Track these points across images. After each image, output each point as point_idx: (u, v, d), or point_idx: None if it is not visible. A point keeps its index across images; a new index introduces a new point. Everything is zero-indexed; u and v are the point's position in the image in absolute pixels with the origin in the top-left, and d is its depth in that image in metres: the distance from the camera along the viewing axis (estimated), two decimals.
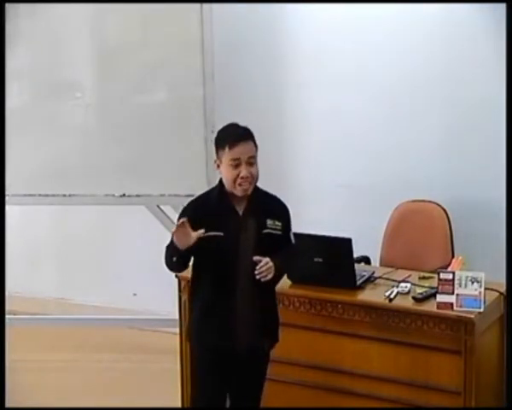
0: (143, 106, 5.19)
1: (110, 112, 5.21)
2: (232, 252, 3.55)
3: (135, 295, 5.97)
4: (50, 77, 5.22)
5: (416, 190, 4.93)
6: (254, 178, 3.57)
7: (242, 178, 3.52)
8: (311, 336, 4.24)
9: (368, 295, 4.18)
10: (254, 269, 3.51)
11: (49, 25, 5.13)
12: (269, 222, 3.60)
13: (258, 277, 3.50)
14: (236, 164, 3.52)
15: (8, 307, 4.36)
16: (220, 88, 5.14)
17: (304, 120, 5.36)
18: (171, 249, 3.53)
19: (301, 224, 3.84)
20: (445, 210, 4.79)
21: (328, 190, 5.31)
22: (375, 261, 4.82)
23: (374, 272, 4.39)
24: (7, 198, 4.83)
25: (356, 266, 4.29)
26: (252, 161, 3.56)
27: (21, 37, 5.10)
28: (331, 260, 4.20)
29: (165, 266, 3.63)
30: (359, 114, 5.18)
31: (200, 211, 3.59)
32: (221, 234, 3.53)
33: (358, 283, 4.23)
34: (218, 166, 3.61)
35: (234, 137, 3.57)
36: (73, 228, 6.07)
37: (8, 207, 4.78)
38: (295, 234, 4.07)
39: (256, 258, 3.50)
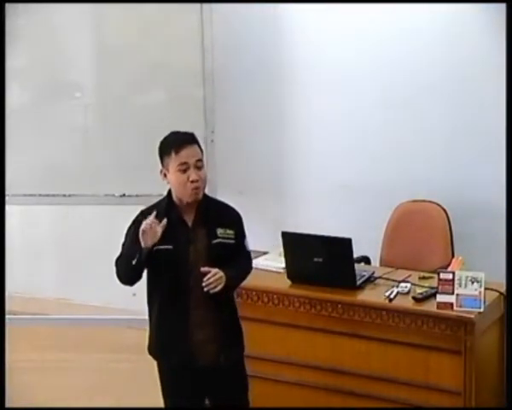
0: (143, 106, 5.19)
1: (110, 112, 5.21)
2: (183, 265, 3.45)
3: (134, 295, 5.94)
4: (50, 77, 5.22)
5: (416, 190, 4.93)
6: (204, 181, 3.49)
7: (193, 181, 3.43)
8: (311, 336, 4.24)
9: (368, 295, 4.18)
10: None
11: (48, 25, 5.13)
12: (219, 231, 3.49)
13: (205, 289, 3.40)
14: (185, 168, 3.44)
15: (8, 307, 4.36)
16: (220, 88, 5.14)
17: (303, 120, 5.36)
18: (131, 252, 3.43)
19: (301, 224, 3.84)
20: (445, 210, 4.79)
21: (328, 190, 5.31)
22: (375, 261, 4.83)
23: (374, 272, 4.39)
24: (7, 198, 4.82)
25: (356, 266, 4.30)
26: (199, 165, 3.47)
27: (21, 37, 5.10)
28: (331, 260, 4.20)
29: (117, 279, 3.54)
30: (359, 114, 5.18)
31: None
32: (170, 247, 3.44)
33: (358, 283, 4.23)
34: (165, 176, 3.51)
35: (179, 141, 3.48)
36: (73, 228, 6.07)
37: (8, 207, 4.78)
38: (296, 234, 4.08)
39: (203, 269, 3.41)
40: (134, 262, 3.43)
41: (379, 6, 4.99)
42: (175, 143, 3.48)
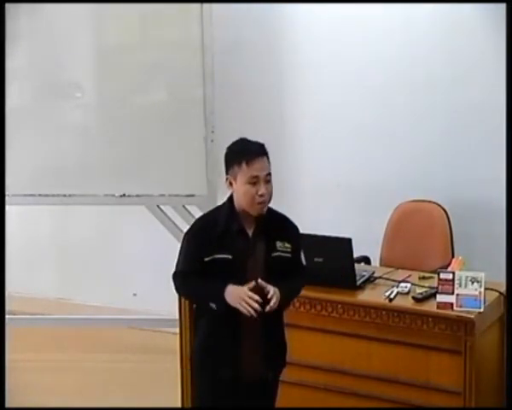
0: (143, 106, 5.20)
1: (110, 112, 5.21)
2: (240, 275, 3.36)
3: (135, 295, 5.97)
4: (50, 77, 5.22)
5: (416, 190, 4.93)
6: (270, 195, 3.39)
7: (261, 195, 3.35)
8: (311, 337, 4.24)
9: (368, 295, 4.18)
10: (262, 293, 3.34)
11: (49, 25, 5.13)
12: (278, 244, 3.43)
13: (267, 309, 3.31)
14: (254, 181, 3.34)
15: (8, 307, 4.36)
16: (220, 88, 5.14)
17: (303, 120, 5.36)
18: (212, 297, 3.37)
19: (301, 224, 3.82)
20: (445, 210, 4.79)
21: (328, 190, 5.31)
22: (375, 261, 4.82)
23: (374, 272, 4.39)
24: (7, 198, 4.82)
25: (356, 266, 4.29)
26: (268, 179, 3.38)
27: (21, 37, 5.11)
28: (331, 260, 4.20)
29: (175, 291, 3.49)
30: (359, 114, 5.18)
31: (208, 230, 3.41)
32: (229, 257, 3.37)
33: (358, 283, 4.23)
34: (231, 184, 3.41)
35: (251, 153, 3.37)
36: (73, 228, 6.07)
37: (8, 207, 4.78)
38: None
39: (261, 283, 3.33)
40: (214, 306, 3.37)
41: (379, 6, 4.99)
42: (247, 155, 3.37)
